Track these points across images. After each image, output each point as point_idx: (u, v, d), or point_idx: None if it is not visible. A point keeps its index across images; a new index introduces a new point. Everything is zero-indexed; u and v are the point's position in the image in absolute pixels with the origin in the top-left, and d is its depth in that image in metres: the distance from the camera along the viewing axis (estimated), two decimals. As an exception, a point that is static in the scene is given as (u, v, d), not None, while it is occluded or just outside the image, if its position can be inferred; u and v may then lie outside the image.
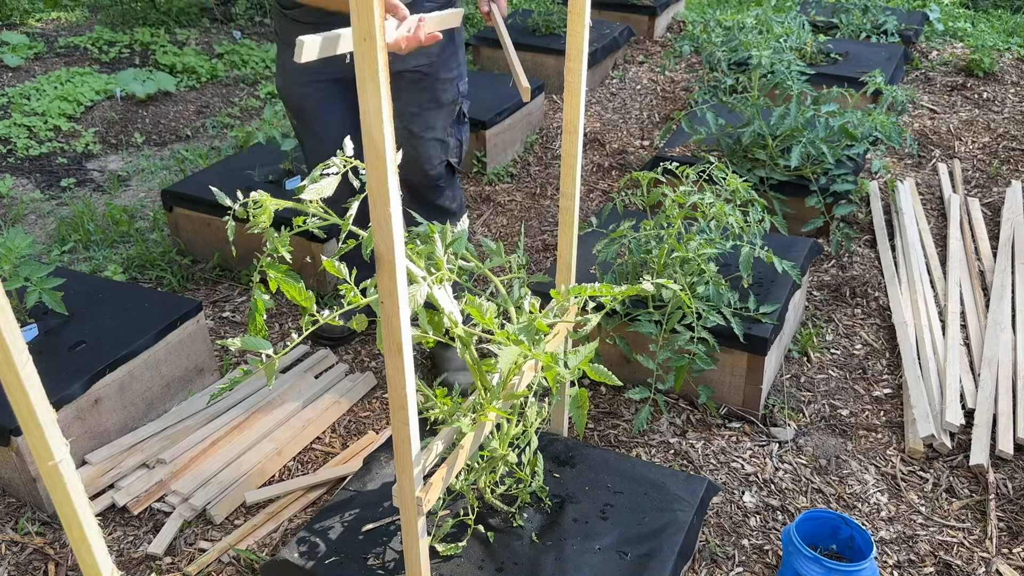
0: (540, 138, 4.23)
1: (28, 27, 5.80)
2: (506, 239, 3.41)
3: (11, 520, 2.16)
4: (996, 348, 2.60)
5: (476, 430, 1.59)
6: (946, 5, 6.17)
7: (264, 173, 3.21)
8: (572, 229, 1.88)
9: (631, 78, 4.97)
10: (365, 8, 1.01)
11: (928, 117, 4.37)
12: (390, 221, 1.17)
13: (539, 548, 1.81)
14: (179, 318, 2.44)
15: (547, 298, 2.37)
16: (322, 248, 2.93)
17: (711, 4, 6.44)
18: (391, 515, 1.89)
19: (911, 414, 2.41)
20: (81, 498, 1.09)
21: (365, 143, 1.12)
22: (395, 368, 1.30)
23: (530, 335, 1.51)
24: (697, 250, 2.32)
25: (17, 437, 2.06)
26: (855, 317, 2.90)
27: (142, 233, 3.45)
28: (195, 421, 2.41)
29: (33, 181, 3.94)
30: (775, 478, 2.26)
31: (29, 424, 1.01)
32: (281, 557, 1.80)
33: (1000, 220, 3.37)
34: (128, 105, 4.60)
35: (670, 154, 3.55)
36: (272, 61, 5.27)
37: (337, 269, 1.47)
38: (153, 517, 2.17)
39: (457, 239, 1.57)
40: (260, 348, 1.44)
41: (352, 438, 2.43)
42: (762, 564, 2.03)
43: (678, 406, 2.51)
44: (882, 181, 3.70)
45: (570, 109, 1.77)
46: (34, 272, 2.30)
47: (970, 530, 2.11)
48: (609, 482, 1.98)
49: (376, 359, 2.75)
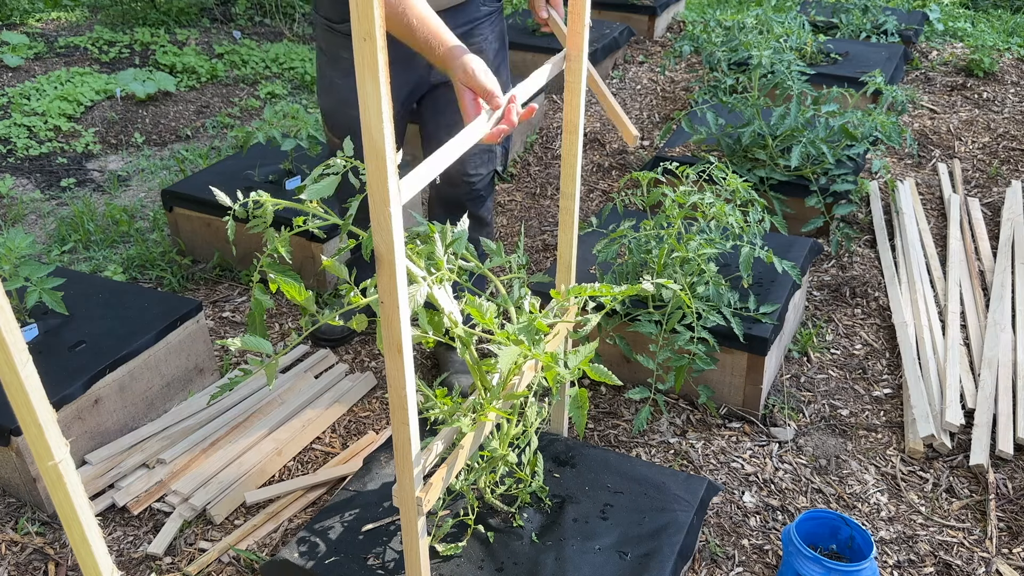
0: (540, 138, 4.23)
1: (28, 27, 5.80)
2: (506, 239, 3.41)
3: (11, 520, 2.16)
4: (996, 348, 2.60)
5: (476, 430, 1.59)
6: (946, 5, 6.17)
7: (264, 173, 3.21)
8: (572, 229, 1.88)
9: (631, 78, 4.97)
10: (365, 8, 1.01)
11: (928, 117, 4.37)
12: (390, 221, 1.17)
13: (539, 548, 1.81)
14: (179, 318, 2.44)
15: (547, 298, 2.37)
16: (322, 248, 2.93)
17: (711, 4, 6.44)
18: (391, 515, 1.89)
19: (911, 414, 2.41)
20: (81, 498, 1.09)
21: (365, 143, 1.12)
22: (395, 368, 1.30)
23: (530, 335, 1.51)
24: (697, 250, 2.32)
25: (17, 437, 2.06)
26: (855, 317, 2.90)
27: (142, 233, 3.45)
28: (195, 421, 2.41)
29: (33, 181, 3.94)
30: (775, 478, 2.26)
31: (29, 424, 1.01)
32: (281, 557, 1.80)
33: (1000, 220, 3.37)
34: (128, 105, 4.60)
35: (670, 154, 3.55)
36: (272, 61, 5.27)
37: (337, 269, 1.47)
38: (153, 517, 2.17)
39: (457, 239, 1.57)
40: (260, 348, 1.44)
41: (352, 438, 2.43)
42: (762, 564, 2.03)
43: (678, 406, 2.51)
44: (882, 181, 3.70)
45: (570, 109, 1.77)
46: (34, 272, 2.30)
47: (970, 530, 2.11)
48: (609, 482, 1.98)
49: (376, 359, 2.75)
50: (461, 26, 2.18)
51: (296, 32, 5.86)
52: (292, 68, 5.21)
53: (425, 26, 1.71)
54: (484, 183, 2.43)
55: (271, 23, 6.03)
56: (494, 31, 2.29)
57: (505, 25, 2.39)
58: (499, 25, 2.33)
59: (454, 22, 2.16)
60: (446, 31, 1.72)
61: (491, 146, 2.36)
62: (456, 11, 2.17)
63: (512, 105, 1.55)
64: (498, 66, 2.30)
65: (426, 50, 1.72)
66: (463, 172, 2.37)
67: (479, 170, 2.39)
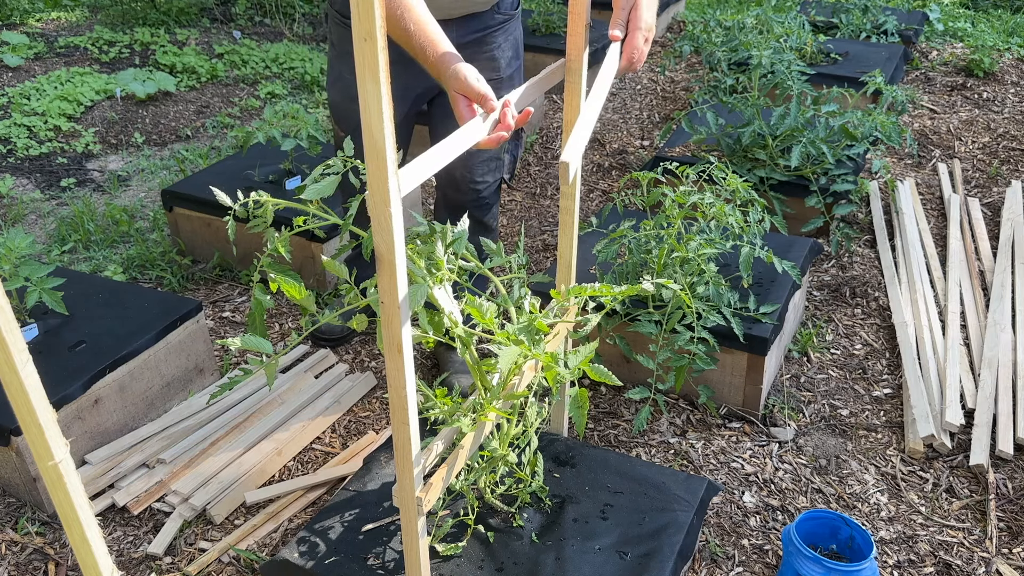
0: (540, 138, 4.23)
1: (28, 27, 5.80)
2: (506, 239, 3.41)
3: (11, 520, 2.16)
4: (996, 348, 2.60)
5: (476, 430, 1.59)
6: (946, 5, 6.17)
7: (264, 173, 3.21)
8: (572, 229, 1.88)
9: (631, 78, 4.97)
10: (365, 8, 1.01)
11: (928, 117, 4.37)
12: (390, 221, 1.17)
13: (539, 548, 1.81)
14: (179, 318, 2.44)
15: (547, 298, 2.37)
16: (322, 248, 2.93)
17: (711, 4, 6.44)
18: (391, 515, 1.89)
19: (911, 414, 2.41)
20: (81, 498, 1.09)
21: (366, 143, 1.12)
22: (395, 368, 1.30)
23: (530, 335, 1.51)
24: (697, 250, 2.32)
25: (17, 437, 2.06)
26: (855, 317, 2.90)
27: (142, 233, 3.45)
28: (195, 421, 2.41)
29: (33, 181, 3.94)
30: (775, 478, 2.26)
31: (29, 424, 1.01)
32: (281, 557, 1.80)
33: (1000, 220, 3.37)
34: (128, 105, 4.60)
35: (670, 154, 3.55)
36: (272, 61, 5.27)
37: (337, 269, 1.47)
38: (153, 517, 2.17)
39: (457, 239, 1.57)
40: (260, 348, 1.44)
41: (352, 438, 2.43)
42: (762, 564, 2.03)
43: (678, 406, 2.51)
44: (882, 181, 3.70)
45: (570, 109, 1.77)
46: (34, 272, 2.30)
47: (970, 530, 2.11)
48: (609, 482, 1.98)
49: (376, 359, 2.75)
50: (473, 33, 2.16)
51: (296, 32, 5.86)
52: (292, 68, 5.21)
53: (422, 32, 1.70)
54: (490, 191, 2.42)
55: (271, 23, 6.03)
56: (508, 40, 2.26)
57: (522, 33, 2.34)
58: (514, 34, 2.29)
59: (466, 29, 2.15)
60: (443, 38, 1.70)
61: (499, 154, 2.35)
62: (470, 19, 2.15)
63: (507, 110, 1.54)
64: (511, 75, 2.28)
65: (421, 56, 1.71)
66: (470, 179, 2.35)
67: (486, 178, 2.38)
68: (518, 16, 2.30)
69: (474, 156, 2.29)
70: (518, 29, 2.31)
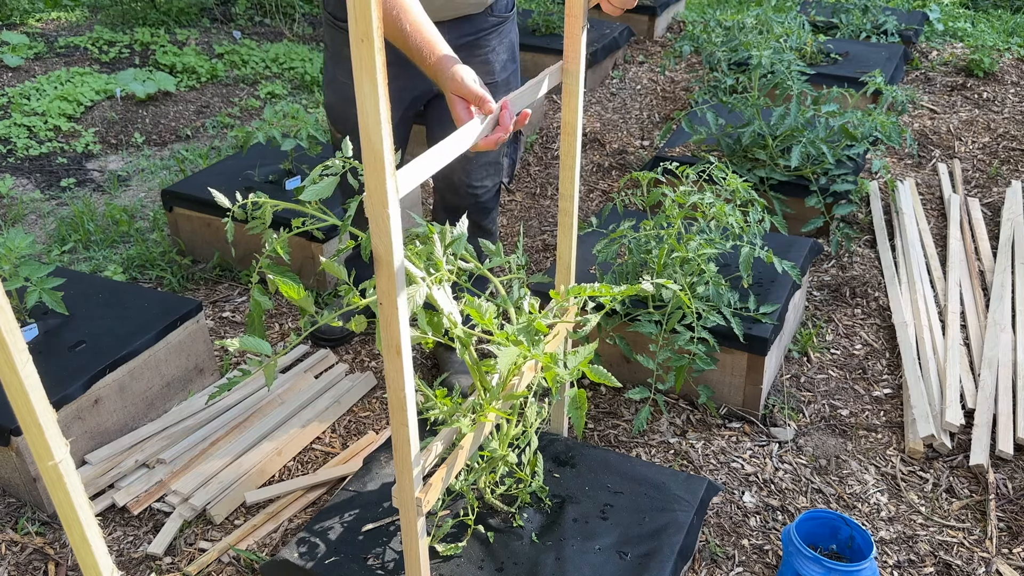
0: (540, 138, 4.23)
1: (28, 27, 5.80)
2: (506, 239, 3.41)
3: (11, 520, 2.16)
4: (996, 348, 2.60)
5: (476, 430, 1.59)
6: (946, 5, 6.16)
7: (264, 173, 3.21)
8: (572, 229, 1.88)
9: (631, 78, 4.97)
10: (363, 9, 1.01)
11: (928, 117, 4.37)
12: (388, 222, 1.17)
13: (539, 548, 1.81)
14: (179, 318, 2.44)
15: (547, 298, 2.37)
16: (321, 249, 2.93)
17: (711, 4, 6.43)
18: (391, 515, 1.89)
19: (911, 414, 2.41)
20: (81, 498, 1.09)
21: (363, 145, 1.12)
22: (394, 369, 1.30)
23: (529, 336, 1.51)
24: (697, 250, 2.32)
25: (17, 437, 2.06)
26: (855, 317, 2.90)
27: (142, 233, 3.45)
28: (195, 421, 2.41)
29: (33, 181, 3.94)
30: (775, 478, 2.26)
31: (29, 424, 1.01)
32: (281, 557, 1.80)
33: (1000, 220, 3.37)
34: (128, 105, 4.60)
35: (670, 154, 3.55)
36: (272, 61, 5.27)
37: (336, 269, 1.47)
38: (153, 517, 2.17)
39: (456, 240, 1.57)
40: (259, 349, 1.44)
41: (352, 438, 2.43)
42: (762, 564, 2.03)
43: (678, 406, 2.51)
44: (882, 181, 3.70)
45: (568, 111, 1.77)
46: (34, 272, 2.30)
47: (970, 530, 2.11)
48: (609, 482, 1.98)
49: (376, 359, 2.75)
50: (466, 37, 2.14)
51: (296, 32, 5.86)
52: (292, 68, 5.21)
53: (419, 33, 1.69)
54: (489, 195, 2.40)
55: (271, 23, 6.03)
56: (503, 43, 2.24)
57: (517, 35, 2.32)
58: (509, 36, 2.26)
59: (460, 32, 2.13)
60: (440, 40, 1.70)
61: (497, 158, 2.33)
62: (463, 21, 2.13)
63: (505, 112, 1.54)
64: (507, 78, 2.26)
65: (418, 58, 1.71)
66: (468, 184, 2.33)
67: (484, 182, 2.36)
68: (513, 18, 2.28)
69: (472, 160, 2.28)
70: (513, 32, 2.29)
